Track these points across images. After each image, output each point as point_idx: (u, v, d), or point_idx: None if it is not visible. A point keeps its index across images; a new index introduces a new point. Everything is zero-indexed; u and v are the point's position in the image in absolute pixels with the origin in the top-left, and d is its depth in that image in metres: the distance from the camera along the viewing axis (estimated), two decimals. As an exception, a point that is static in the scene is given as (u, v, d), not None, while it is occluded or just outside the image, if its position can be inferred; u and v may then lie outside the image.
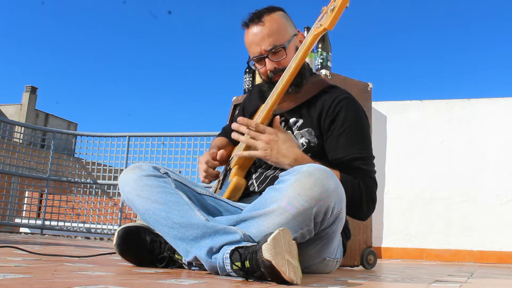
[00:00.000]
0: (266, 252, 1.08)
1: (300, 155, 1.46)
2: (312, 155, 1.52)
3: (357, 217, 1.57)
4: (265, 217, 1.25)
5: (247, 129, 1.46)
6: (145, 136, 5.41)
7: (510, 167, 3.93)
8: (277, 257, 1.08)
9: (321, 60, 2.54)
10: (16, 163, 5.38)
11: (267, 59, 1.59)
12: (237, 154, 1.54)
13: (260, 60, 1.61)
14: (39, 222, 5.43)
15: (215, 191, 1.70)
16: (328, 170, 1.29)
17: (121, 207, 5.39)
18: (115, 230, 2.57)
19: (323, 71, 2.49)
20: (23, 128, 5.98)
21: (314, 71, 2.47)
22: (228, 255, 1.19)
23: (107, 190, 5.58)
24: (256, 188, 1.60)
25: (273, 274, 1.08)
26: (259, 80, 2.74)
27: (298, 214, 1.23)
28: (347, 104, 1.57)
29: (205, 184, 1.89)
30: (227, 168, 1.70)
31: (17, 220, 5.71)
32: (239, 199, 1.57)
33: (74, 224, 5.43)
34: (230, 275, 1.20)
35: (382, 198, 4.05)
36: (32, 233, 5.36)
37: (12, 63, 50.94)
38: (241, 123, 1.47)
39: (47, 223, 5.38)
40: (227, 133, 1.91)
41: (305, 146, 1.57)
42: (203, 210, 1.36)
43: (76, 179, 5.55)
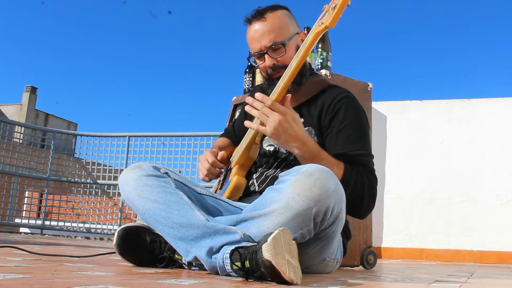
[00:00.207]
0: (266, 252, 1.08)
1: (308, 139, 1.44)
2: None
3: (357, 213, 1.54)
4: (265, 217, 1.25)
5: (261, 104, 1.40)
6: (145, 136, 5.41)
7: (510, 167, 3.93)
8: (277, 257, 1.08)
9: (321, 60, 2.54)
10: (16, 163, 5.38)
11: (266, 55, 1.60)
12: (246, 124, 1.46)
13: (260, 56, 1.62)
14: (39, 222, 5.43)
15: (215, 191, 1.70)
16: (328, 170, 1.29)
17: (121, 207, 5.39)
18: (115, 230, 2.57)
19: (323, 71, 2.49)
20: (23, 128, 5.98)
21: (315, 71, 2.48)
22: (228, 255, 1.19)
23: (107, 190, 5.58)
24: (257, 188, 1.60)
25: (273, 274, 1.08)
26: (259, 80, 2.74)
27: (298, 214, 1.22)
28: (347, 103, 1.58)
29: (205, 183, 1.89)
30: (228, 168, 1.70)
31: (17, 220, 5.71)
32: (239, 199, 1.57)
33: (74, 224, 5.43)
34: (230, 275, 1.20)
35: (382, 198, 4.05)
36: (32, 233, 5.36)
37: (12, 63, 50.99)
38: (257, 99, 1.41)
39: (47, 223, 5.38)
40: (229, 134, 1.91)
41: None
42: (203, 210, 1.36)
43: (76, 179, 5.55)
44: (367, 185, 1.49)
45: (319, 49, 2.56)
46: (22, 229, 5.63)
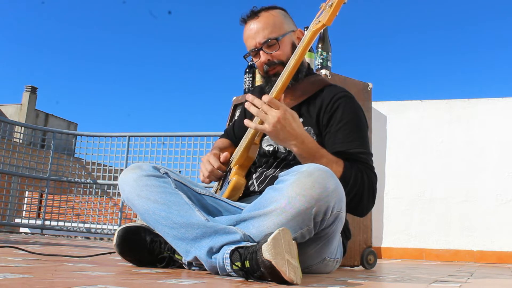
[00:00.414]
0: (266, 252, 1.08)
1: (306, 137, 1.44)
2: None
3: (358, 210, 1.54)
4: (265, 217, 1.25)
5: (260, 102, 1.40)
6: (145, 136, 5.41)
7: (510, 167, 3.93)
8: (277, 257, 1.08)
9: (321, 60, 2.54)
10: (16, 163, 5.38)
11: (261, 52, 1.61)
12: (246, 123, 1.46)
13: (256, 54, 1.64)
14: (39, 222, 5.43)
15: (215, 191, 1.70)
16: (327, 170, 1.29)
17: (121, 207, 5.39)
18: (115, 230, 2.57)
19: (323, 71, 2.49)
20: (23, 128, 5.98)
21: (314, 71, 2.48)
22: (228, 255, 1.19)
23: (107, 190, 5.58)
24: (256, 188, 1.60)
25: (273, 274, 1.08)
26: (259, 80, 2.74)
27: (297, 214, 1.23)
28: (345, 102, 1.58)
29: (205, 184, 1.88)
30: (227, 168, 1.70)
31: (17, 220, 5.71)
32: (239, 199, 1.57)
33: (74, 224, 5.43)
34: (230, 275, 1.20)
35: (382, 198, 4.05)
36: (32, 233, 5.36)
37: (12, 63, 50.98)
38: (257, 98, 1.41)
39: (47, 223, 5.38)
40: (229, 135, 1.91)
41: None
42: (203, 210, 1.36)
43: (76, 179, 5.55)
44: (367, 182, 1.49)
45: (319, 49, 2.56)
46: (22, 229, 5.63)
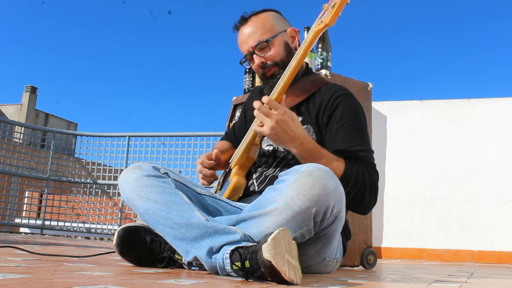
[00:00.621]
0: (266, 252, 1.08)
1: (306, 138, 1.44)
2: None
3: (359, 208, 1.54)
4: (265, 216, 1.25)
5: (259, 103, 1.41)
6: (145, 136, 5.41)
7: (510, 167, 3.93)
8: (277, 257, 1.08)
9: (321, 60, 2.54)
10: (16, 163, 5.38)
11: (254, 55, 1.63)
12: (252, 128, 1.53)
13: (251, 58, 1.66)
14: (39, 222, 5.43)
15: (215, 192, 1.70)
16: (327, 169, 1.29)
17: (121, 207, 5.39)
18: (115, 230, 2.57)
19: (323, 71, 2.49)
20: (23, 128, 5.98)
21: (314, 71, 2.48)
22: (228, 255, 1.19)
23: (107, 190, 5.58)
24: (256, 188, 1.60)
25: (273, 274, 1.08)
26: (259, 80, 2.74)
27: (297, 213, 1.23)
28: (345, 100, 1.58)
29: (206, 184, 1.88)
30: (227, 169, 1.70)
31: (17, 220, 5.71)
32: (239, 199, 1.57)
33: (74, 224, 5.43)
34: (230, 275, 1.20)
35: (382, 198, 4.05)
36: (32, 233, 5.36)
37: (12, 63, 50.98)
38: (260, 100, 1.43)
39: (47, 223, 5.38)
40: (229, 137, 1.91)
41: None
42: (203, 210, 1.36)
43: (76, 179, 5.55)
44: (368, 180, 1.49)
45: (319, 49, 2.56)
46: (22, 229, 5.63)
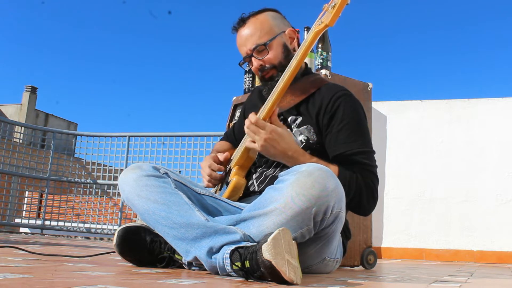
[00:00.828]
0: (266, 252, 1.08)
1: (295, 152, 1.46)
2: (311, 152, 1.52)
3: (359, 212, 1.56)
4: (265, 217, 1.25)
5: (248, 122, 1.46)
6: (145, 136, 5.41)
7: (510, 167, 3.93)
8: (277, 257, 1.08)
9: (321, 60, 2.54)
10: (16, 163, 5.38)
11: (253, 58, 1.64)
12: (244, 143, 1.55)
13: (250, 60, 1.66)
14: (39, 222, 5.43)
15: (215, 192, 1.69)
16: (327, 169, 1.29)
17: (121, 207, 5.39)
18: (115, 230, 2.57)
19: (323, 71, 2.49)
20: (23, 128, 5.98)
21: (314, 71, 2.48)
22: (228, 255, 1.19)
23: (107, 190, 5.58)
24: (256, 188, 1.60)
25: (273, 274, 1.08)
26: (259, 80, 2.74)
27: (297, 213, 1.23)
28: (346, 101, 1.58)
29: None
30: (227, 169, 1.70)
31: (17, 220, 5.71)
32: (239, 199, 1.57)
33: (74, 224, 5.43)
34: (230, 275, 1.20)
35: (382, 198, 4.05)
36: (32, 233, 5.36)
37: (12, 63, 50.98)
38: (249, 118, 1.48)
39: (47, 223, 5.38)
40: (229, 137, 1.91)
41: (304, 143, 1.57)
42: (203, 210, 1.36)
43: (76, 179, 5.55)
44: (364, 184, 1.49)
45: (319, 49, 2.56)
46: (22, 229, 5.63)
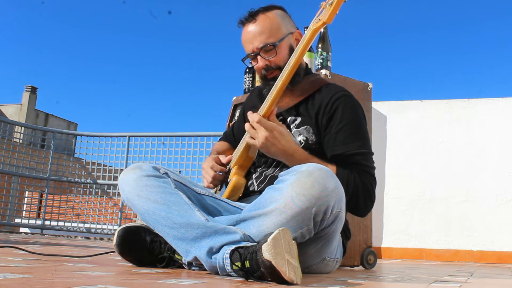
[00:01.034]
0: (266, 252, 1.08)
1: (295, 151, 1.46)
2: (310, 153, 1.52)
3: (355, 213, 1.56)
4: (265, 217, 1.25)
5: (250, 120, 1.46)
6: (145, 136, 5.41)
7: (510, 167, 3.93)
8: (277, 257, 1.08)
9: (321, 60, 2.54)
10: (16, 163, 5.38)
11: (259, 57, 1.62)
12: (244, 139, 1.55)
13: (254, 58, 1.64)
14: (39, 222, 5.43)
15: (215, 191, 1.70)
16: (327, 169, 1.29)
17: (121, 207, 5.39)
18: (115, 230, 2.57)
19: (323, 71, 2.49)
20: (23, 128, 5.98)
21: (314, 71, 2.48)
22: (228, 255, 1.19)
23: (107, 190, 5.58)
24: (256, 188, 1.60)
25: (273, 274, 1.08)
26: (259, 80, 2.74)
27: (297, 213, 1.23)
28: (345, 101, 1.58)
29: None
30: (227, 169, 1.70)
31: (17, 220, 5.71)
32: (239, 199, 1.57)
33: (74, 224, 5.43)
34: (230, 275, 1.20)
35: (382, 198, 4.05)
36: (32, 233, 5.36)
37: (12, 63, 50.98)
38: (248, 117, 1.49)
39: (47, 223, 5.38)
40: (228, 137, 1.91)
41: (303, 144, 1.57)
42: (203, 210, 1.36)
43: (76, 179, 5.55)
44: (361, 185, 1.50)
45: (319, 49, 2.55)
46: (22, 229, 5.63)
